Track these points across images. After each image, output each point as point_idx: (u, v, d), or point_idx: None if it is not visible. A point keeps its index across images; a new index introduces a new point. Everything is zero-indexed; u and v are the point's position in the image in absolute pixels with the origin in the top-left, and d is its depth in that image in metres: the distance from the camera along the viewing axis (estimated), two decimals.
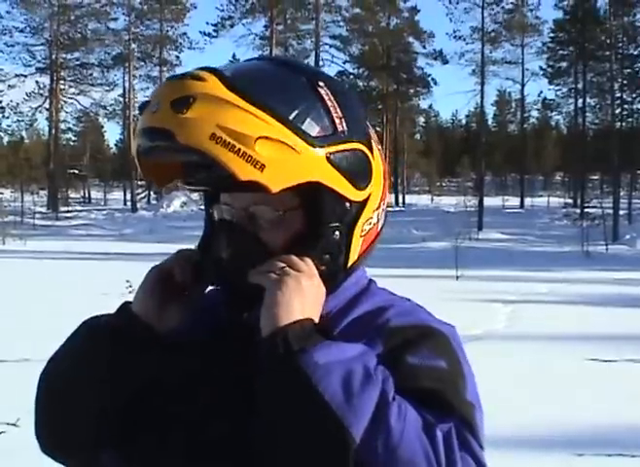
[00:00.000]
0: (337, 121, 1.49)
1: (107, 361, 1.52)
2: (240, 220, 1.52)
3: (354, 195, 1.51)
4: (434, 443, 1.30)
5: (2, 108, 66.02)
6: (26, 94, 65.33)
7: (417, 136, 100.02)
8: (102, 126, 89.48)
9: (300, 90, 1.49)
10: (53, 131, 64.83)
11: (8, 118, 66.07)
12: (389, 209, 1.60)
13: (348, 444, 1.26)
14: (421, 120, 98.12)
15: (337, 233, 1.52)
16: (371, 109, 68.40)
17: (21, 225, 43.73)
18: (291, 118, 1.42)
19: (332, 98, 1.50)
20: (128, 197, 65.79)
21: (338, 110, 1.50)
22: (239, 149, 1.35)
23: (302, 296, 1.40)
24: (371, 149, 1.56)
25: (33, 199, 60.50)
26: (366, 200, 1.55)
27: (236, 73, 1.44)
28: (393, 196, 68.77)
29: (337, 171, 1.47)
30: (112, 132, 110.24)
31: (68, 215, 56.46)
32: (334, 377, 1.29)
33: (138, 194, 64.40)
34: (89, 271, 21.78)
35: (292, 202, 1.50)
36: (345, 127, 1.50)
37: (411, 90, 71.98)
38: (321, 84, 1.52)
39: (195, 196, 74.98)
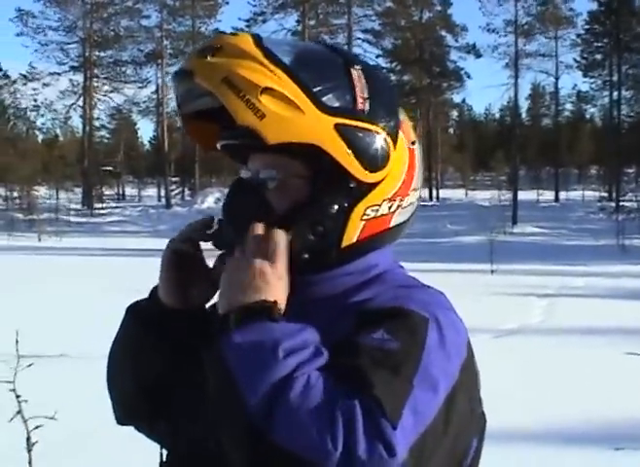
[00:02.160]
0: (359, 99, 1.51)
1: (132, 344, 1.68)
2: (250, 179, 1.58)
3: (360, 174, 1.50)
4: (333, 421, 1.27)
5: (37, 106, 66.68)
6: (60, 92, 65.87)
7: (451, 130, 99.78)
8: (135, 123, 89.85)
9: (331, 67, 1.54)
10: (87, 129, 65.30)
11: (42, 116, 66.71)
12: (423, 204, 1.59)
13: (245, 417, 1.28)
14: (454, 114, 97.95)
15: (334, 206, 1.51)
16: (403, 103, 68.20)
17: (57, 222, 44.01)
18: (312, 87, 1.47)
19: (363, 80, 1.53)
20: (162, 193, 66.14)
21: (366, 91, 1.53)
22: (244, 95, 1.43)
23: (251, 278, 1.41)
24: (395, 138, 1.56)
25: (68, 197, 60.83)
26: (374, 185, 1.53)
27: (275, 40, 1.52)
28: (427, 190, 68.68)
29: (344, 143, 1.48)
30: (145, 129, 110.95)
31: (103, 212, 56.86)
32: (241, 355, 1.32)
33: (172, 190, 64.73)
34: (125, 268, 21.89)
35: (299, 171, 1.53)
36: (368, 108, 1.52)
37: (445, 84, 71.70)
38: (357, 66, 1.55)
39: None
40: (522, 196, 54.10)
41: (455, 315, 1.54)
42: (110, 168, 72.95)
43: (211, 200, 59.18)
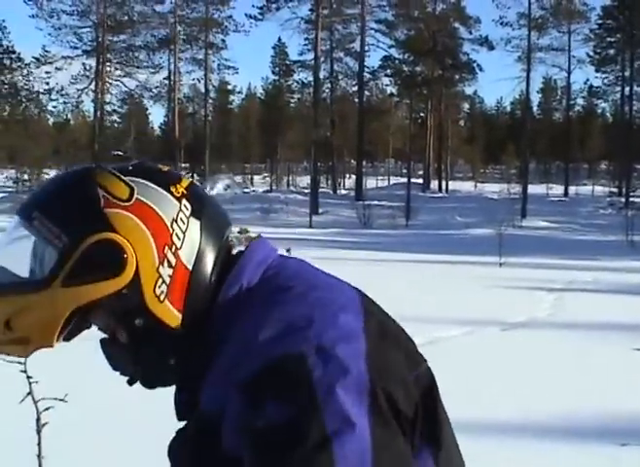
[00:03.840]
0: (55, 242, 1.44)
1: None
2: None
3: (116, 285, 1.44)
4: None
5: (49, 90, 66.58)
6: (72, 77, 65.83)
7: (462, 123, 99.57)
8: (147, 109, 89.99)
9: (18, 244, 1.50)
10: (99, 113, 65.26)
11: (55, 100, 66.63)
12: (432, 195, 1.55)
13: None
14: (466, 106, 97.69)
15: (136, 321, 1.47)
16: (415, 94, 68.22)
17: None
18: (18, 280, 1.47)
19: (45, 222, 1.45)
20: None
21: (54, 228, 1.44)
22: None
23: None
24: (111, 225, 1.45)
25: None
26: (137, 274, 1.45)
27: None
28: (436, 181, 68.61)
29: (82, 286, 1.43)
30: (156, 115, 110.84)
31: None
32: None
33: None
34: None
35: (106, 321, 1.52)
36: (66, 239, 1.43)
37: (457, 76, 71.54)
38: (34, 215, 1.47)
39: (239, 178, 75.41)
40: (532, 189, 54.03)
41: (341, 310, 1.42)
42: (120, 153, 72.85)
43: (221, 187, 59.23)
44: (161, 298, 1.46)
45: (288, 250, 11.58)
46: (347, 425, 1.26)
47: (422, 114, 75.71)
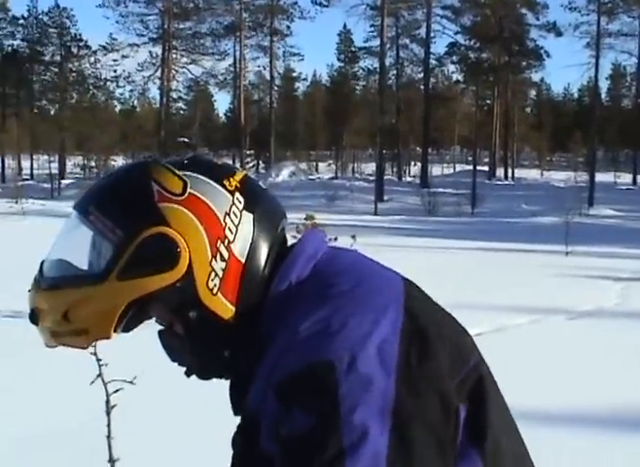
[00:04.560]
0: (110, 236, 1.48)
1: None
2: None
3: (170, 278, 1.47)
4: None
5: (116, 77, 67.39)
6: (139, 64, 66.72)
7: (528, 110, 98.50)
8: (212, 96, 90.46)
9: (76, 237, 1.54)
10: (165, 100, 65.83)
11: (122, 87, 67.42)
12: (497, 183, 1.52)
13: None
14: (532, 93, 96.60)
15: (190, 313, 1.50)
16: (482, 81, 67.69)
17: None
18: (78, 274, 1.52)
19: (100, 216, 1.50)
20: (237, 165, 66.28)
21: (109, 222, 1.48)
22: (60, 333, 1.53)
23: None
24: (164, 219, 1.48)
25: None
26: (190, 267, 1.47)
27: (46, 267, 1.57)
28: (502, 169, 68.04)
29: (136, 279, 1.46)
30: (222, 102, 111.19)
31: None
32: None
33: (247, 163, 65.02)
34: None
35: (162, 313, 1.56)
36: (121, 233, 1.47)
37: (523, 63, 70.73)
38: (90, 209, 1.51)
39: (304, 165, 75.52)
40: (599, 178, 53.40)
41: (381, 312, 1.42)
42: (186, 140, 73.43)
43: (285, 174, 59.40)
44: (214, 291, 1.48)
45: (353, 237, 11.54)
46: (364, 442, 1.27)
47: (488, 101, 74.99)
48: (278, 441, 1.34)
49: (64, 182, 57.11)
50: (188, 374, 1.60)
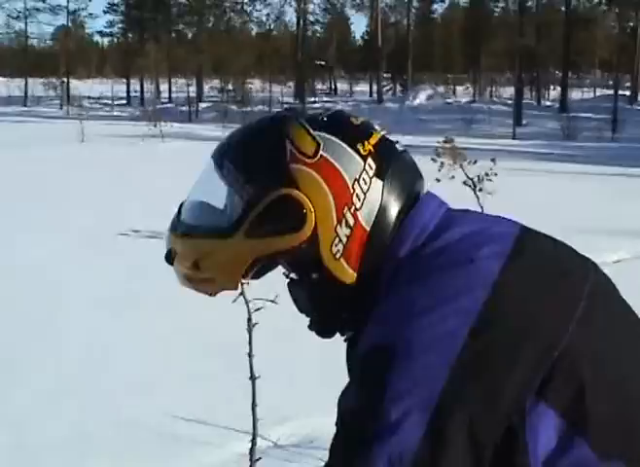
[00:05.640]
0: (241, 192, 1.52)
1: None
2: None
3: (295, 240, 1.49)
4: None
5: (252, 0, 67.58)
6: None
7: None
8: (349, 19, 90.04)
9: (214, 183, 1.56)
10: (301, 23, 65.79)
11: (259, 10, 67.67)
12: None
13: None
14: None
15: (313, 275, 1.53)
16: (625, 2, 65.41)
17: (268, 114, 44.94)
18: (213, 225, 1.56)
19: (233, 171, 1.53)
20: (374, 88, 66.24)
21: (240, 178, 1.52)
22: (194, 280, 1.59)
23: None
24: (294, 180, 1.49)
25: (281, 90, 61.79)
26: (315, 231, 1.49)
27: (183, 211, 1.63)
28: None
29: (262, 238, 1.50)
30: (359, 24, 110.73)
31: (315, 106, 57.51)
32: None
33: (384, 86, 64.70)
34: None
35: (289, 270, 1.59)
36: (251, 191, 1.50)
37: None
38: (224, 163, 1.55)
39: (441, 89, 74.77)
40: None
41: (467, 295, 1.34)
42: (322, 63, 73.47)
43: (423, 97, 58.97)
44: (337, 256, 1.50)
45: (493, 160, 11.40)
46: (396, 432, 1.27)
47: (631, 23, 72.57)
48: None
49: (202, 105, 58.01)
50: (310, 328, 1.66)
